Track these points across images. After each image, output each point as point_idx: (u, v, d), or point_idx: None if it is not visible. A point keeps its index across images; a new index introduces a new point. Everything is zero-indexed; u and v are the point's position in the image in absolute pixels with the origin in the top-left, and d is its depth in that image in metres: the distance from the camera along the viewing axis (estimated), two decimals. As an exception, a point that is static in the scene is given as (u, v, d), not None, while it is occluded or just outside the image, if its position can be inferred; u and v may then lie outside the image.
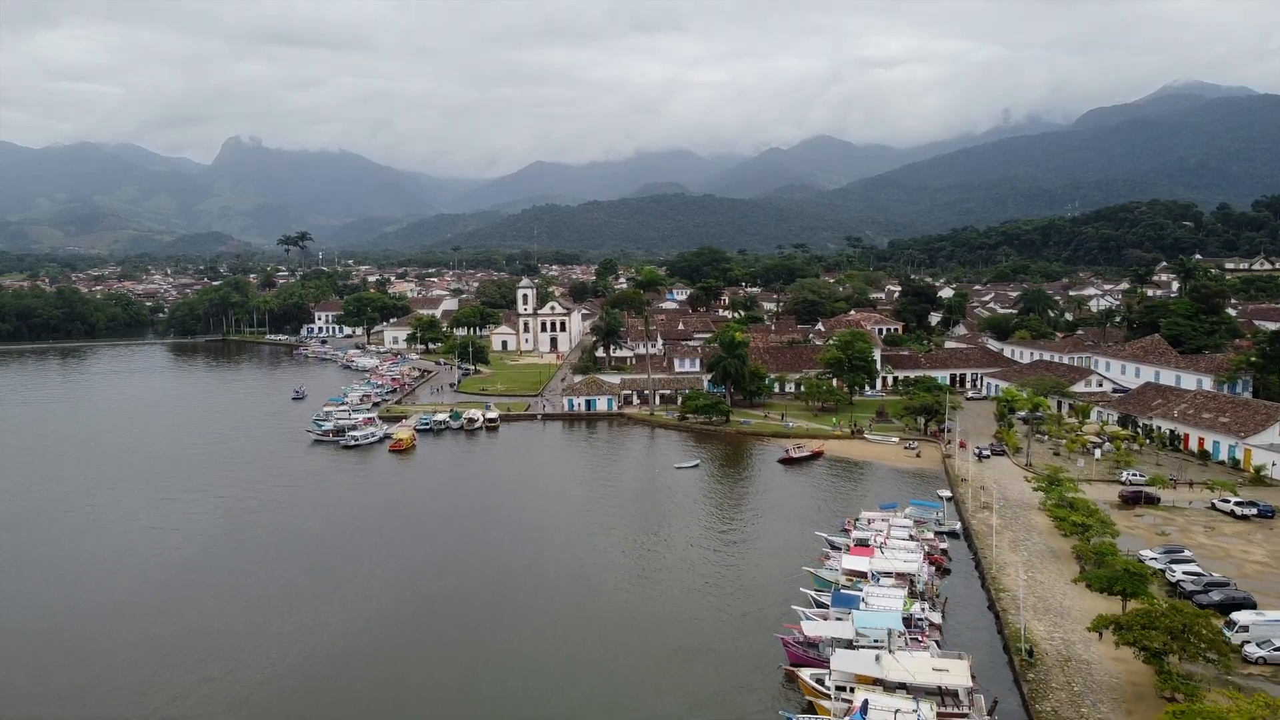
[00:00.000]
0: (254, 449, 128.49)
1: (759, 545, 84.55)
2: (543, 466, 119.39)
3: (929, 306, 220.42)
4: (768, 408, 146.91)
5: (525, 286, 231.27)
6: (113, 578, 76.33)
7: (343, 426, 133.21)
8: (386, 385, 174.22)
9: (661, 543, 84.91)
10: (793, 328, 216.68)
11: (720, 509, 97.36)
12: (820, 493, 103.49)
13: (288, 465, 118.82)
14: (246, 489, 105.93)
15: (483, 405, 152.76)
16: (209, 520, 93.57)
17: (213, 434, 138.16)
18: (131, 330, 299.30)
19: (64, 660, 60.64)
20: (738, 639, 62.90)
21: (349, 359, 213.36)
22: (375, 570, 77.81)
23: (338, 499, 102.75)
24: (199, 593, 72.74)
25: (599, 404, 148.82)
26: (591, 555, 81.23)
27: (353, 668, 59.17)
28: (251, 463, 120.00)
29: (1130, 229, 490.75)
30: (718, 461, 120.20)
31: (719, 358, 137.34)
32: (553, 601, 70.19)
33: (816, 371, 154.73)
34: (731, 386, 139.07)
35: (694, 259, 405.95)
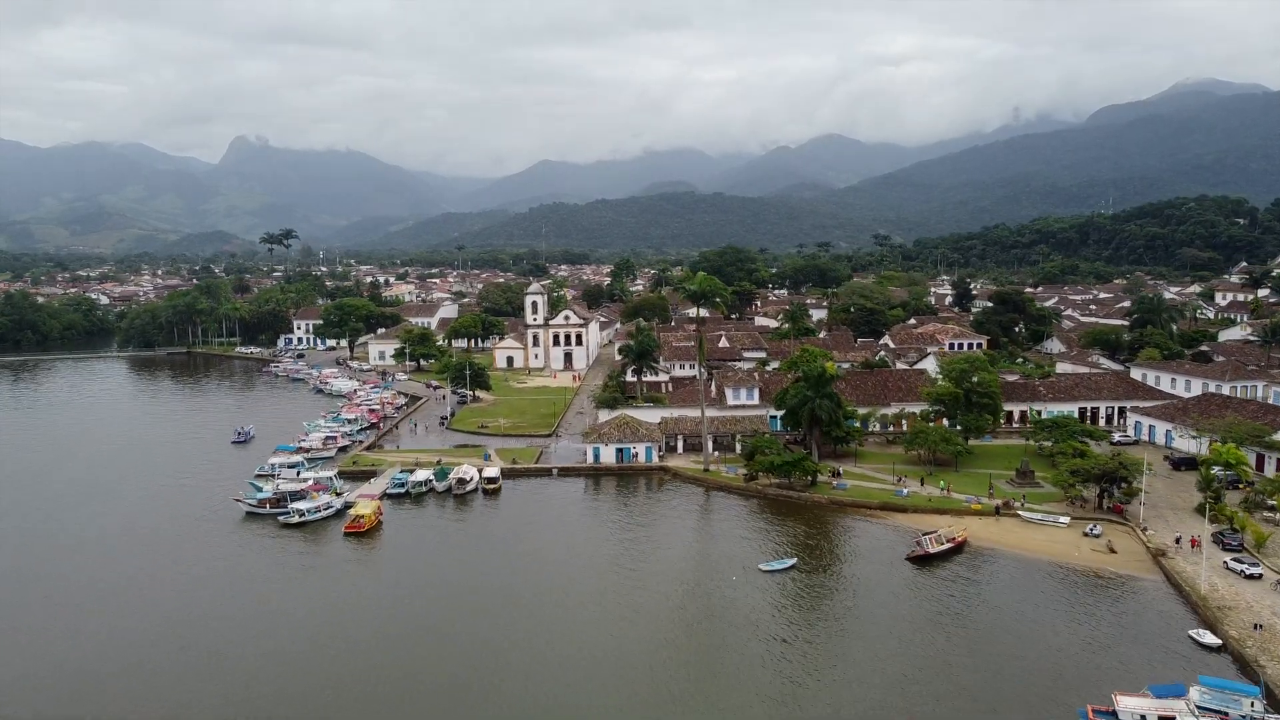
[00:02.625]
0: (155, 528, 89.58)
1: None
2: (560, 561, 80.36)
3: (1019, 317, 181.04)
4: (859, 459, 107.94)
5: (534, 292, 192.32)
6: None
7: (284, 494, 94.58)
8: (362, 419, 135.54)
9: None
10: (851, 342, 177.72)
11: (847, 664, 58.53)
12: (1002, 635, 64.42)
13: (193, 561, 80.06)
14: (110, 611, 67.37)
15: (480, 454, 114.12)
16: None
17: (109, 498, 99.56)
18: (93, 340, 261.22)
19: None
20: None
21: (323, 380, 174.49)
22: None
23: (242, 634, 64.02)
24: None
25: (635, 453, 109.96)
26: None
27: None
28: (142, 555, 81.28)
29: (1178, 227, 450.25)
30: (813, 553, 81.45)
31: (804, 396, 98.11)
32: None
33: (920, 408, 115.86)
34: (819, 435, 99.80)
35: (717, 259, 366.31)
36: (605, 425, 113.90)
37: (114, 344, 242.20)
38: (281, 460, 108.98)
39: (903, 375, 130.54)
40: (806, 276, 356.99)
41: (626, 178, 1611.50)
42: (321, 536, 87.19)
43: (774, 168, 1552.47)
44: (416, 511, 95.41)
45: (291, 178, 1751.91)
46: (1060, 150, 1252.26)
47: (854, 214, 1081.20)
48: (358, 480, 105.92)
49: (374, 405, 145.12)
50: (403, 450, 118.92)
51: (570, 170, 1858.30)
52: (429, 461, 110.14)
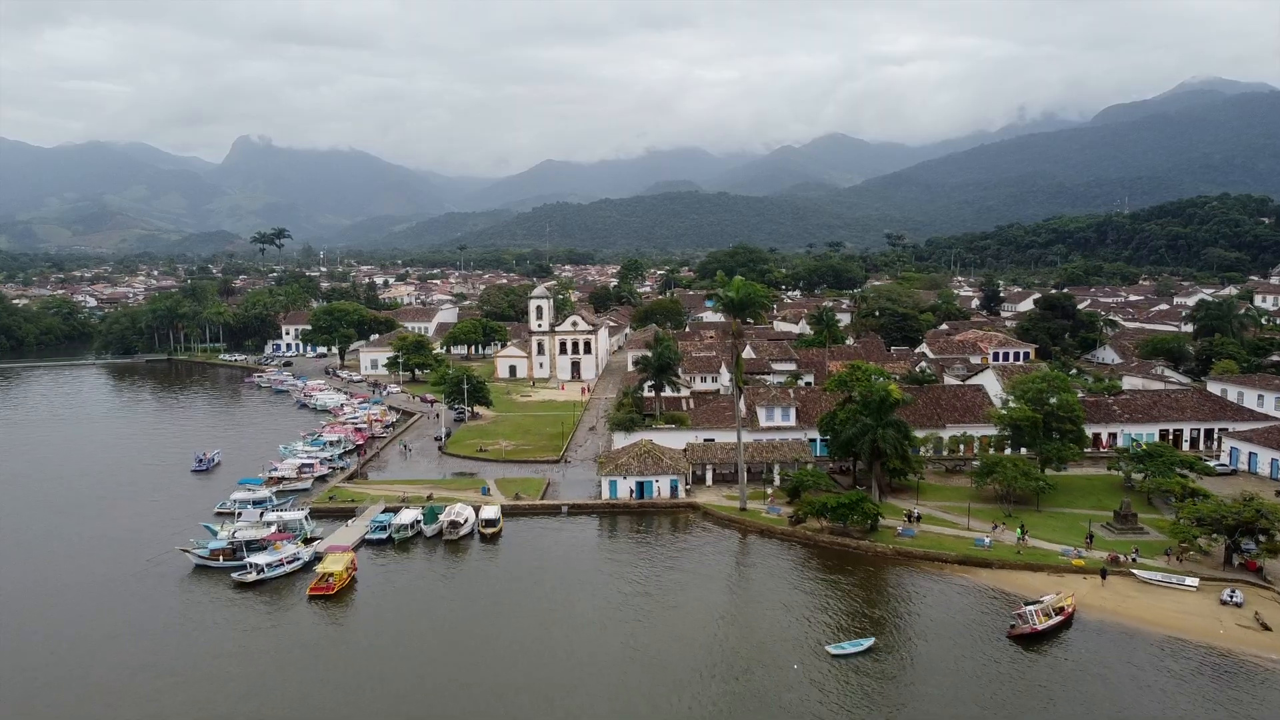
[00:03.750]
0: (78, 586, 73.09)
1: None
2: (565, 644, 63.92)
3: (1068, 324, 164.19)
4: (920, 494, 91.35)
5: (539, 296, 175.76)
6: None
7: (241, 544, 78.24)
8: (345, 440, 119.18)
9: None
10: (883, 351, 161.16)
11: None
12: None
13: (111, 637, 63.76)
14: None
15: (479, 485, 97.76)
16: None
17: (32, 545, 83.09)
18: (73, 345, 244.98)
19: None
20: None
21: (308, 393, 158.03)
22: None
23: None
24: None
25: (657, 487, 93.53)
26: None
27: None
28: (46, 627, 64.88)
29: (1200, 226, 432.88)
30: (889, 626, 65.03)
31: (863, 426, 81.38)
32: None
33: (981, 431, 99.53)
34: (880, 471, 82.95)
35: (728, 259, 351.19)
36: (623, 454, 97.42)
37: (91, 350, 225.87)
38: (245, 496, 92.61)
39: (957, 393, 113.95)
40: (821, 277, 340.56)
41: (630, 177, 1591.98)
42: (282, 600, 70.81)
43: (778, 167, 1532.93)
44: (399, 563, 78.98)
45: (295, 178, 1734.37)
46: (1067, 150, 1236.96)
47: (859, 214, 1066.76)
48: (335, 519, 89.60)
49: (360, 423, 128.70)
50: (390, 481, 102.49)
51: (574, 170, 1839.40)
52: (417, 497, 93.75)
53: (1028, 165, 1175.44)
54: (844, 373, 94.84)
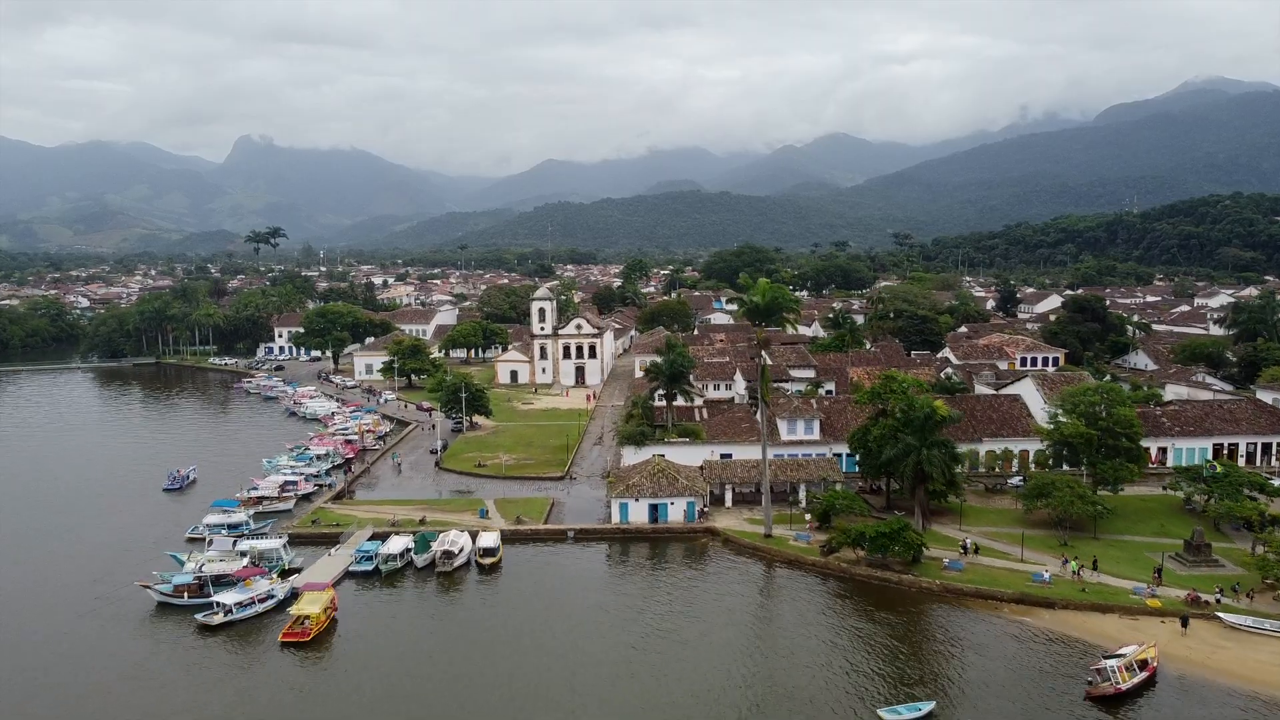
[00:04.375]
0: (19, 629, 64.36)
1: None
2: (578, 695, 55.04)
3: (1098, 327, 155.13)
4: (962, 517, 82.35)
5: (542, 298, 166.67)
6: None
7: (208, 578, 69.45)
8: (334, 454, 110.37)
9: None
10: (903, 356, 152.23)
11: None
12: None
13: (65, 686, 54.98)
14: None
15: (476, 507, 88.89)
16: None
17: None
18: (60, 348, 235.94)
19: None
20: None
21: (298, 400, 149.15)
22: None
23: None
24: None
25: (673, 510, 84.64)
26: None
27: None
28: None
29: (1214, 225, 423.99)
30: (944, 682, 56.15)
31: (906, 446, 72.33)
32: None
33: (1020, 445, 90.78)
34: (924, 495, 73.79)
35: (733, 259, 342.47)
36: (634, 473, 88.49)
37: (77, 353, 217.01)
38: (218, 520, 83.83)
39: (993, 404, 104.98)
40: (829, 278, 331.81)
41: (632, 177, 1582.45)
42: (250, 647, 61.96)
43: (780, 167, 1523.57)
44: (386, 600, 70.16)
45: (296, 177, 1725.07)
46: (1070, 149, 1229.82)
47: (862, 213, 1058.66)
48: (318, 546, 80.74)
49: (351, 435, 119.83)
50: (379, 501, 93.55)
51: (575, 169, 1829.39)
52: (409, 520, 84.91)
53: (1030, 165, 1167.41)
54: (877, 384, 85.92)
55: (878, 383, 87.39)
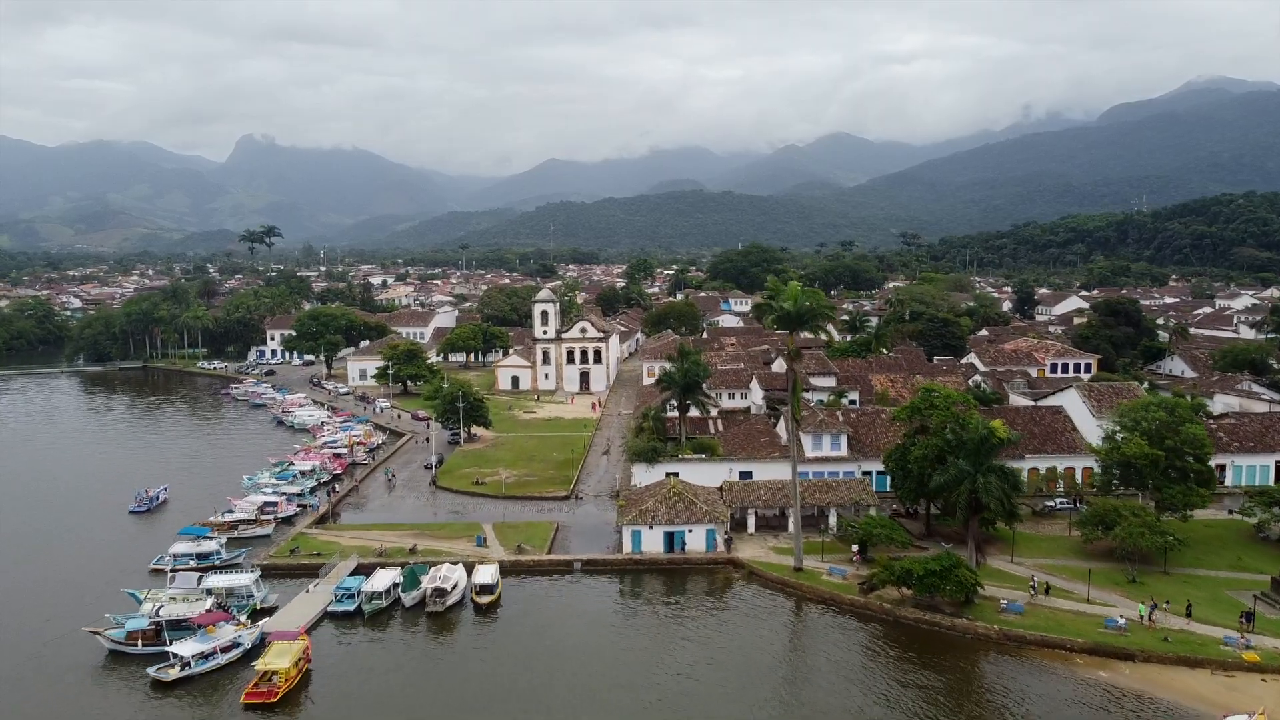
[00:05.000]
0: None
1: None
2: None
3: (1132, 332, 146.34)
4: (1015, 549, 73.47)
5: (544, 300, 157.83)
6: None
7: (165, 622, 60.85)
8: (320, 470, 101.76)
9: None
10: (925, 362, 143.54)
11: None
12: None
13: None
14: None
15: (473, 533, 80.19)
16: None
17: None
18: (47, 351, 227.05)
19: None
20: None
21: (287, 408, 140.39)
22: None
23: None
24: None
25: (691, 539, 75.94)
26: None
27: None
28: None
29: (1227, 225, 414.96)
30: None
31: (959, 472, 63.40)
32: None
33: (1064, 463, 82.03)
34: (977, 527, 64.68)
35: (740, 259, 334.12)
36: (647, 495, 79.74)
37: (63, 357, 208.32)
38: (186, 549, 75.19)
39: (1034, 416, 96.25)
40: (837, 278, 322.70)
41: (634, 177, 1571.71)
42: (209, 707, 53.38)
43: (782, 166, 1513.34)
44: (369, 647, 61.50)
45: (297, 177, 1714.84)
46: (1073, 148, 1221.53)
47: (865, 213, 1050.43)
48: (296, 579, 72.11)
49: (340, 448, 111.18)
50: (366, 525, 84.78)
51: (577, 169, 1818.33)
52: (398, 549, 76.28)
53: (1034, 164, 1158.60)
54: (916, 398, 77.19)
55: (916, 396, 78.59)
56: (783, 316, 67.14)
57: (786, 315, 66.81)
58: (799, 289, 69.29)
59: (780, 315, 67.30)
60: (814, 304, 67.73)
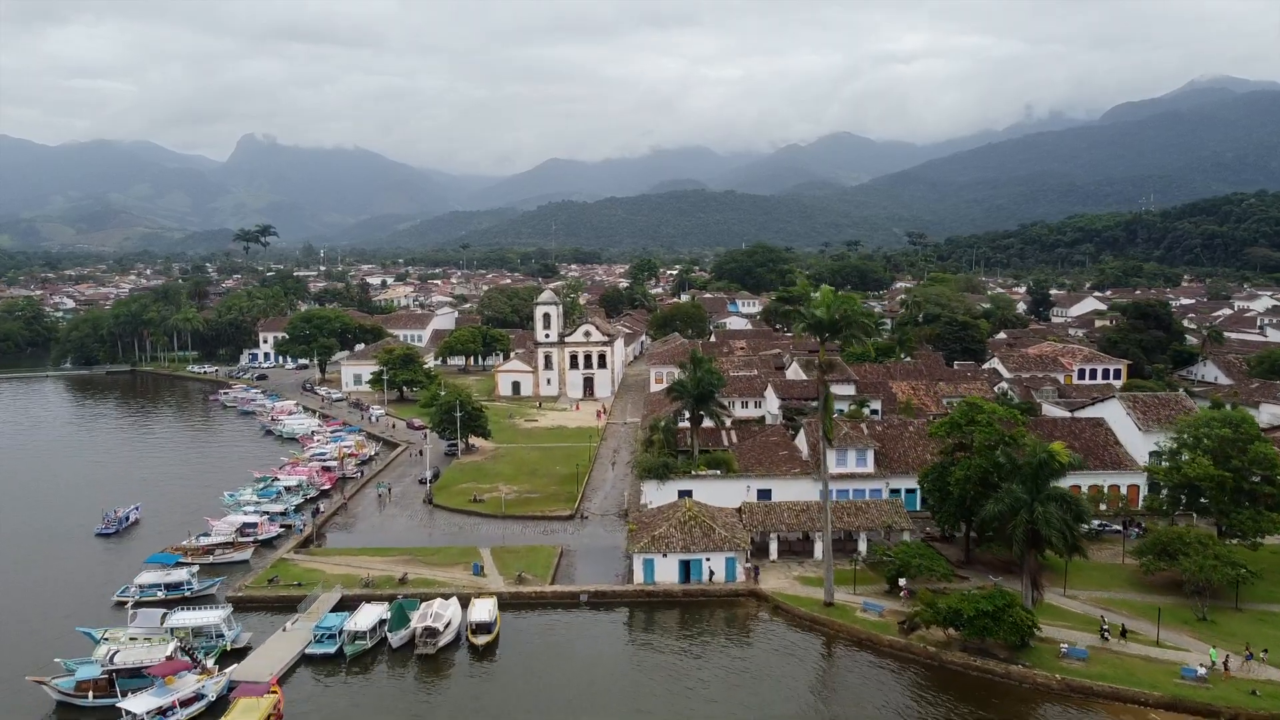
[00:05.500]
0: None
1: None
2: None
3: (1164, 335, 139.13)
4: (1068, 580, 66.28)
5: (546, 302, 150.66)
6: None
7: (120, 670, 53.79)
8: (307, 485, 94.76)
9: None
10: (944, 367, 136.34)
11: None
12: None
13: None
14: None
15: (470, 560, 73.06)
16: None
17: None
18: (38, 353, 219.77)
19: None
20: None
21: (276, 416, 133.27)
22: None
23: None
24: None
25: (709, 568, 68.81)
26: None
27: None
28: None
29: (1239, 224, 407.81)
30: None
31: (1015, 500, 55.92)
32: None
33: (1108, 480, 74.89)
34: (1035, 561, 57.16)
35: (745, 259, 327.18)
36: (660, 519, 72.58)
37: (50, 360, 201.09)
38: (153, 580, 68.13)
39: (1073, 429, 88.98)
40: (844, 278, 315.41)
41: (635, 176, 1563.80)
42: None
43: (784, 166, 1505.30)
44: (349, 697, 54.37)
45: (299, 176, 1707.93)
46: (1076, 148, 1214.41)
47: (867, 213, 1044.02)
48: (274, 612, 65.09)
49: (330, 460, 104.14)
50: (353, 551, 77.48)
51: (579, 169, 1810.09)
52: (386, 579, 69.23)
53: (1036, 164, 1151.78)
54: (958, 412, 70.00)
55: (956, 410, 71.37)
56: (815, 324, 59.93)
57: (819, 323, 59.60)
58: (831, 294, 62.16)
59: (812, 323, 60.10)
60: (849, 311, 60.45)
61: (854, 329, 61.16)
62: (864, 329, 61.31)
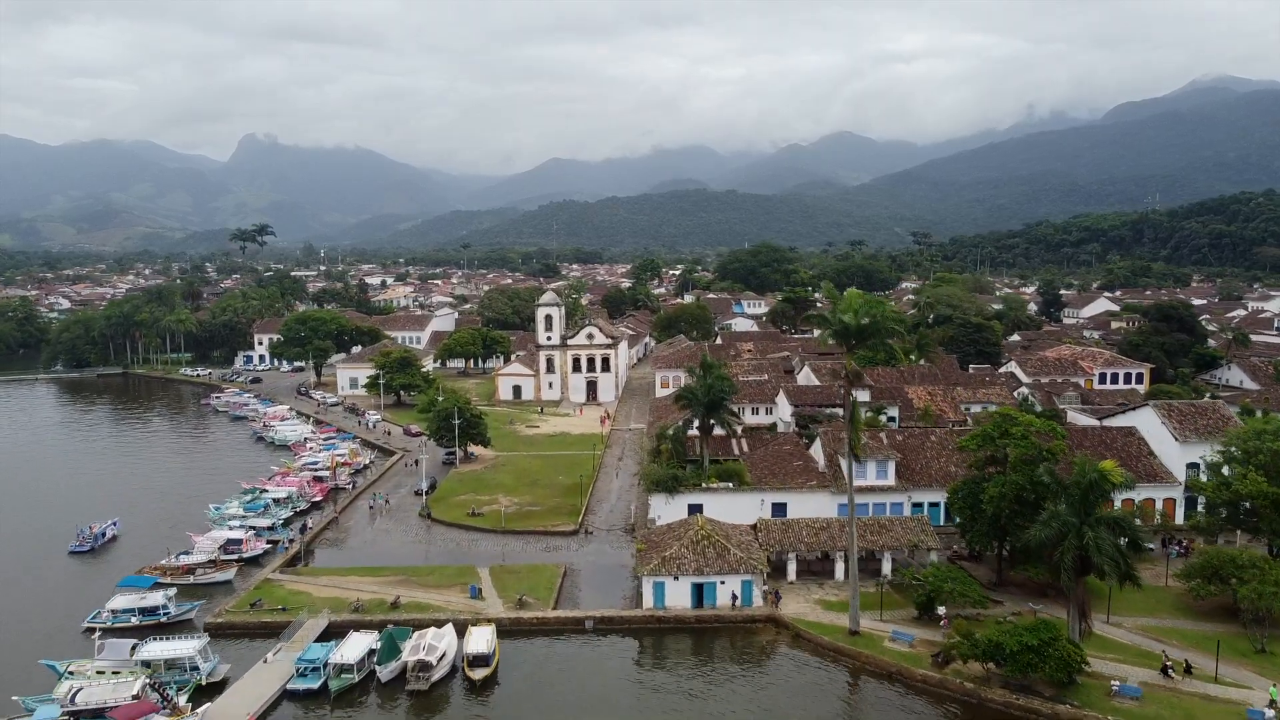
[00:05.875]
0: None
1: None
2: None
3: (1188, 338, 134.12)
4: (1111, 605, 61.38)
5: (548, 304, 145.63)
6: None
7: (82, 711, 48.95)
8: (296, 497, 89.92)
9: None
10: (959, 370, 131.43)
11: None
12: None
13: None
14: None
15: (466, 581, 68.19)
16: None
17: None
18: (30, 355, 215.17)
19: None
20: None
21: (268, 422, 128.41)
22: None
23: None
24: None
25: (724, 592, 63.94)
26: None
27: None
28: None
29: (1247, 224, 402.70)
30: None
31: (1064, 524, 50.52)
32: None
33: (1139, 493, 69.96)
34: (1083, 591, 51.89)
35: (749, 258, 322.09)
36: (670, 538, 67.65)
37: (41, 362, 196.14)
38: (127, 605, 63.26)
39: (1104, 438, 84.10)
40: (849, 278, 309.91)
41: (637, 175, 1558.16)
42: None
43: (785, 166, 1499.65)
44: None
45: (300, 176, 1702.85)
46: (1078, 147, 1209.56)
47: (869, 212, 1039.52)
48: (256, 640, 60.26)
49: (321, 470, 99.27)
50: (342, 570, 72.55)
51: (580, 168, 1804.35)
52: (377, 603, 64.41)
53: (1038, 164, 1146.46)
54: (990, 424, 65.02)
55: (989, 422, 66.41)
56: (841, 330, 54.93)
57: (845, 330, 54.60)
58: (858, 296, 57.28)
59: (838, 330, 55.07)
60: (878, 315, 55.41)
61: (883, 335, 56.13)
62: (894, 336, 56.25)
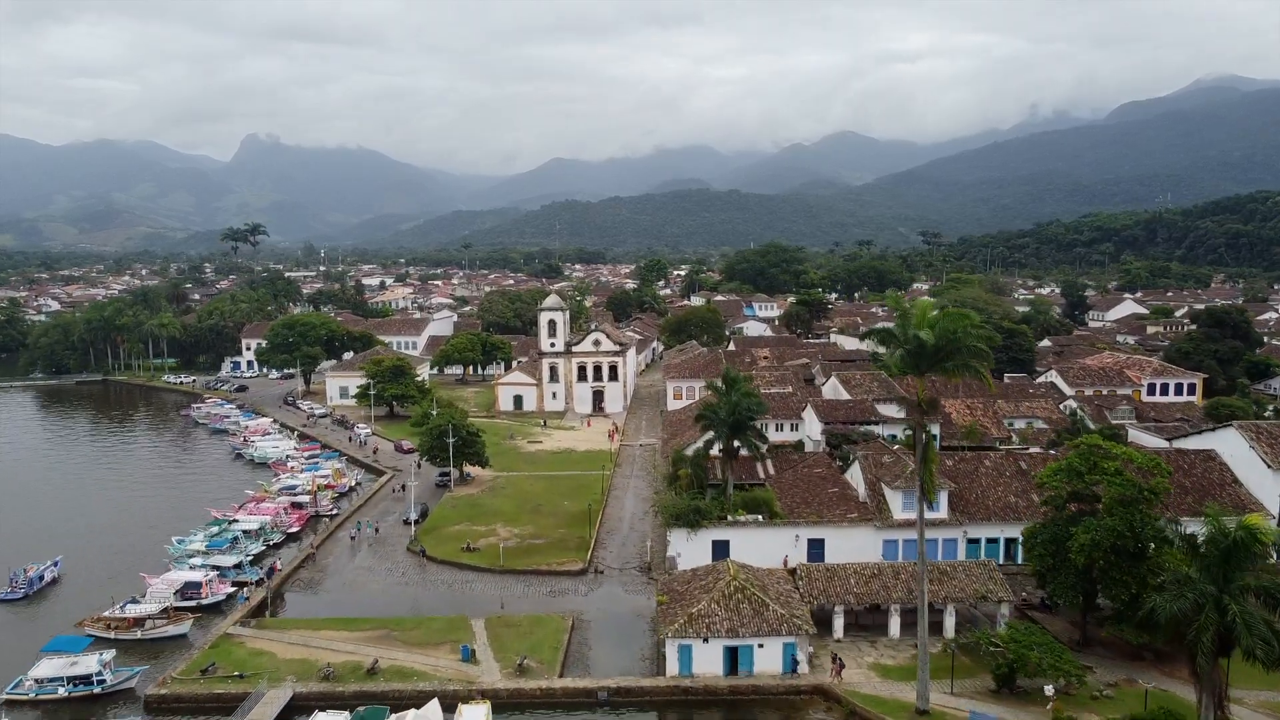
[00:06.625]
0: None
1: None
2: None
3: (1241, 345, 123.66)
4: (1227, 678, 51.18)
5: (552, 308, 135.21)
6: None
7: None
8: (269, 528, 79.68)
9: None
10: (994, 380, 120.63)
11: None
12: None
13: None
14: None
15: (458, 639, 57.86)
16: None
17: None
18: (13, 359, 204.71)
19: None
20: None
21: (249, 436, 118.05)
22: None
23: None
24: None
25: (763, 656, 53.59)
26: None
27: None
28: None
29: (1264, 223, 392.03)
30: None
31: (1200, 595, 40.15)
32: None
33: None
34: (1220, 676, 41.88)
35: (757, 258, 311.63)
36: (698, 591, 57.23)
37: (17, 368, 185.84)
38: (53, 673, 52.94)
39: (1178, 464, 73.56)
40: (860, 279, 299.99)
41: (639, 175, 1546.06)
42: None
43: (788, 165, 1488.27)
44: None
45: (302, 175, 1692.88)
46: (1081, 147, 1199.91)
47: (873, 212, 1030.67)
48: (210, 715, 49.99)
49: (301, 494, 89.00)
50: (316, 622, 62.24)
51: (582, 168, 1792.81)
52: (352, 668, 54.10)
53: (1042, 163, 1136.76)
54: (1075, 457, 54.75)
55: (1073, 455, 56.10)
56: (915, 352, 44.50)
57: (922, 349, 44.18)
58: (929, 307, 47.11)
59: (912, 350, 44.63)
60: (958, 331, 44.86)
61: (966, 356, 45.59)
62: (982, 357, 45.65)
